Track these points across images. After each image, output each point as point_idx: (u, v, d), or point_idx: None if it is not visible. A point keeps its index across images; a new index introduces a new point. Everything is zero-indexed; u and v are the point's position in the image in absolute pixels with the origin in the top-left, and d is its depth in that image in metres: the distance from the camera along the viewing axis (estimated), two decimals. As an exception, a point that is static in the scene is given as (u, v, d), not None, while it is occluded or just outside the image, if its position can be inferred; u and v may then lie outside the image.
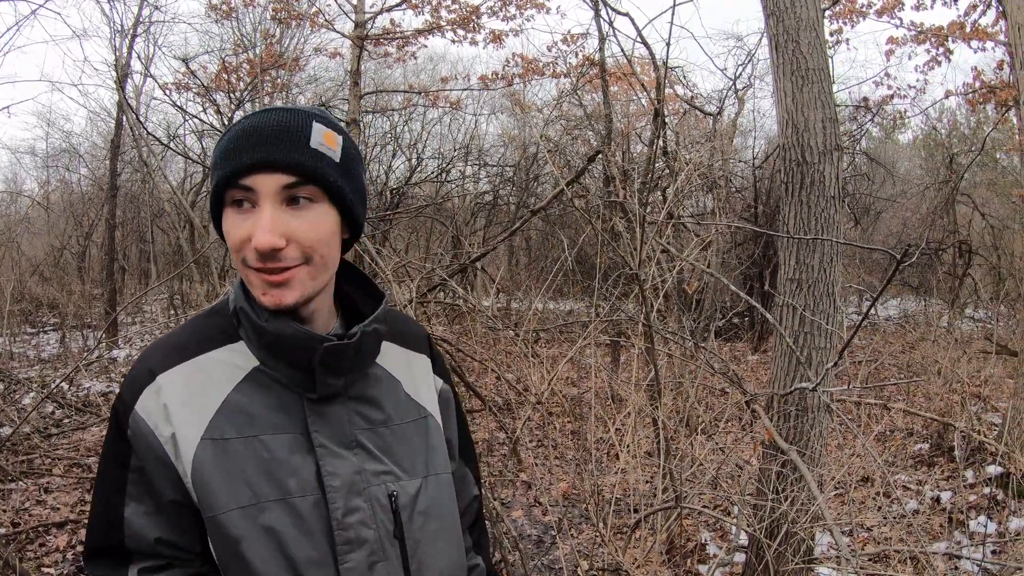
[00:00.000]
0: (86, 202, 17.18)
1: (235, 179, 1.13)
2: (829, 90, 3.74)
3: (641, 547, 3.98)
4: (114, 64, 10.34)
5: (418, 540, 1.26)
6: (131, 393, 1.19)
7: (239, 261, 1.16)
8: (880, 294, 2.49)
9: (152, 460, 1.17)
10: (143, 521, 1.18)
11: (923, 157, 18.88)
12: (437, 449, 1.35)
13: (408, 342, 1.42)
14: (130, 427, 1.17)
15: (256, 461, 1.16)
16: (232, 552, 1.14)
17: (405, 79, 15.88)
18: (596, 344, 4.87)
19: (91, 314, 13.71)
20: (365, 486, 1.21)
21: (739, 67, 15.05)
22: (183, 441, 1.15)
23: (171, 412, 1.16)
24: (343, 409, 1.24)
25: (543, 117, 12.01)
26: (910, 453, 6.67)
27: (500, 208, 16.27)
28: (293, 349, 1.18)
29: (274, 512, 1.15)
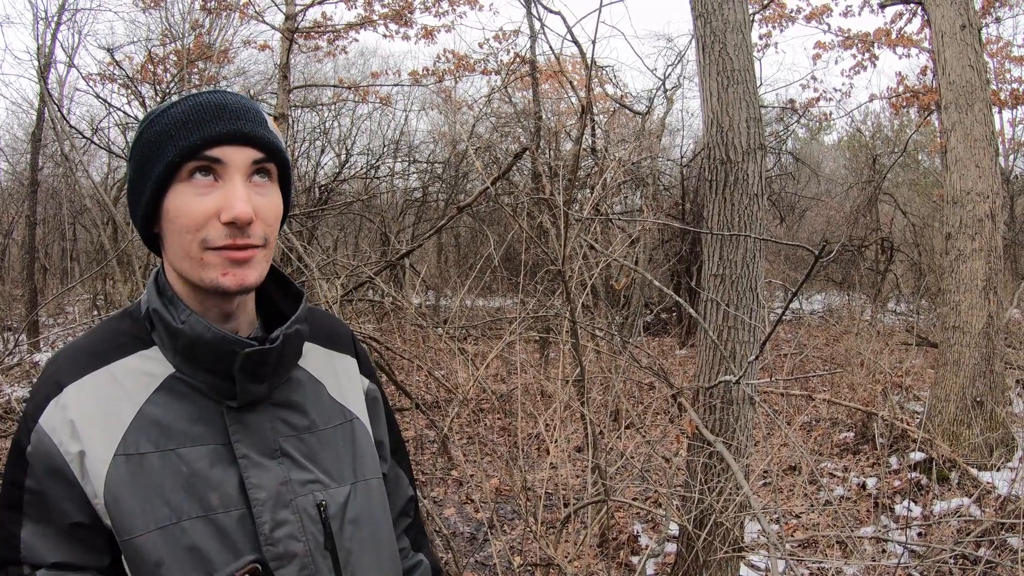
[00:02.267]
0: (5, 198, 16.58)
1: (202, 149, 1.07)
2: (754, 90, 3.83)
3: (573, 541, 4.01)
4: (36, 53, 10.00)
5: (350, 550, 1.20)
6: (35, 406, 1.11)
7: (195, 242, 1.08)
8: (799, 288, 2.56)
9: (54, 480, 1.08)
10: (40, 543, 1.10)
11: (847, 158, 19.44)
12: (365, 453, 1.29)
13: (331, 342, 1.36)
14: (31, 444, 1.09)
15: (174, 476, 1.08)
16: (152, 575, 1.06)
17: (335, 74, 15.73)
18: (524, 341, 4.90)
19: (11, 315, 13.22)
20: (292, 497, 1.15)
21: (669, 67, 15.32)
22: (93, 459, 1.07)
23: (78, 428, 1.08)
24: (265, 416, 1.17)
25: (473, 114, 12.00)
26: (835, 442, 6.87)
27: (429, 205, 16.21)
28: (211, 354, 1.12)
29: (196, 530, 1.07)
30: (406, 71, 12.63)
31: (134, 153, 1.14)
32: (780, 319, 2.84)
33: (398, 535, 1.43)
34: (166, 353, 1.15)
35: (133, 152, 1.15)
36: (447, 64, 11.54)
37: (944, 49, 6.48)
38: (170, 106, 1.12)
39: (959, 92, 6.34)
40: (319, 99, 15.01)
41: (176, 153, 1.07)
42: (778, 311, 10.95)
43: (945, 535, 4.72)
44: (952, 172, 6.38)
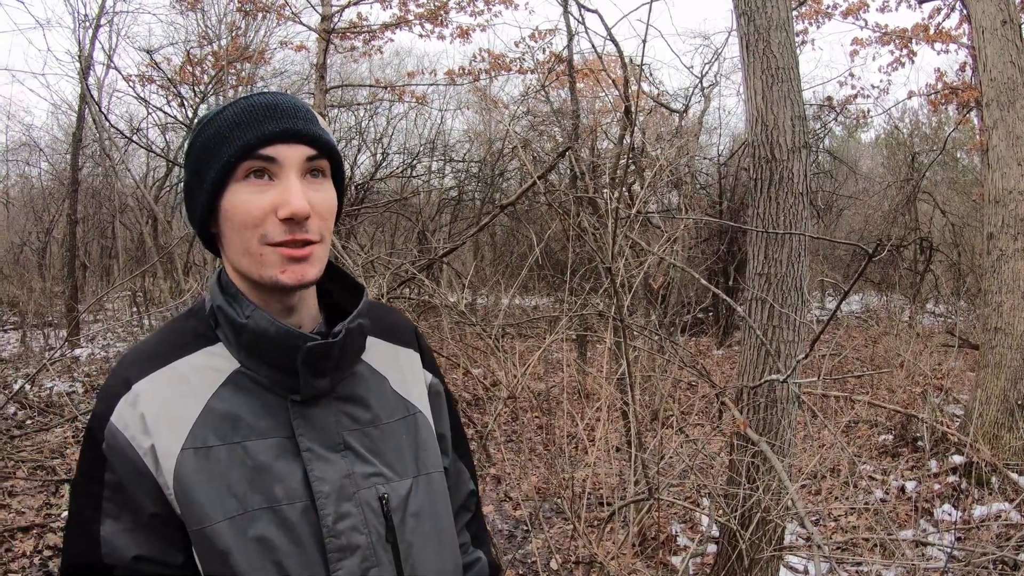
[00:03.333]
0: (47, 197, 16.87)
1: (256, 148, 1.10)
2: (798, 88, 3.80)
3: (612, 540, 4.01)
4: (77, 55, 10.18)
5: (411, 543, 1.21)
6: (105, 404, 1.13)
7: (253, 240, 1.11)
8: (851, 287, 2.54)
9: (131, 474, 1.11)
10: (121, 539, 1.13)
11: (885, 156, 19.16)
12: (428, 447, 1.30)
13: (394, 336, 1.37)
14: (105, 440, 1.12)
15: (240, 469, 1.11)
16: (220, 565, 1.09)
17: (371, 73, 15.80)
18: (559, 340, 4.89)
19: (52, 312, 13.47)
20: (355, 490, 1.17)
21: (706, 65, 15.20)
22: (163, 452, 1.10)
23: (149, 422, 1.11)
24: (329, 410, 1.19)
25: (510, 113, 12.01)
26: (875, 444, 6.79)
27: (465, 204, 16.23)
28: (276, 349, 1.14)
29: (262, 522, 1.10)
30: (441, 70, 12.65)
31: (189, 157, 1.18)
32: (832, 317, 2.81)
33: (458, 530, 1.43)
34: (231, 349, 1.17)
35: (188, 156, 1.18)
36: (483, 64, 11.58)
37: (985, 45, 6.38)
38: (222, 109, 1.15)
39: (1000, 89, 6.24)
40: (355, 99, 15.11)
41: (231, 153, 1.10)
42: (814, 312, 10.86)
43: (985, 540, 4.65)
44: (994, 171, 6.28)
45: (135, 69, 13.92)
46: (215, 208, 1.14)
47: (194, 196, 1.17)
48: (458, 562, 1.32)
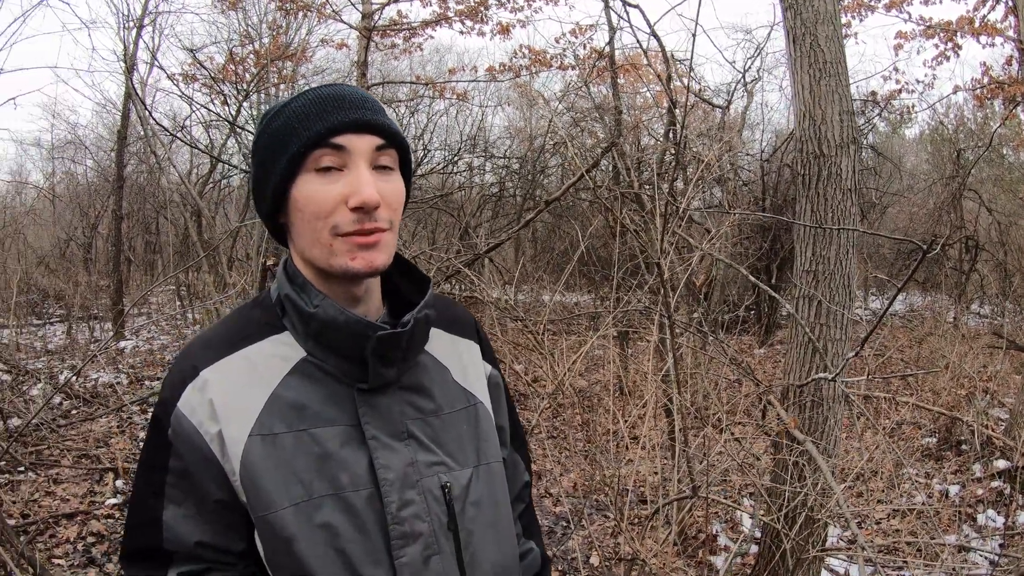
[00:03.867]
0: (92, 193, 17.19)
1: (326, 138, 1.11)
2: (846, 83, 3.75)
3: (653, 538, 3.99)
4: (122, 54, 10.35)
5: (471, 531, 1.22)
6: (173, 390, 1.15)
7: (324, 230, 1.12)
8: (905, 284, 2.50)
9: (197, 460, 1.13)
10: (183, 524, 1.16)
11: (930, 152, 18.83)
12: (488, 437, 1.32)
13: (455, 328, 1.39)
14: (172, 426, 1.14)
15: (307, 456, 1.13)
16: (285, 551, 1.11)
17: (411, 71, 15.87)
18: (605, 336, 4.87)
19: (97, 305, 13.73)
20: (418, 478, 1.18)
21: (748, 60, 15.02)
22: (230, 438, 1.12)
23: (217, 408, 1.13)
24: (394, 399, 1.20)
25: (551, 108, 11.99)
26: (918, 447, 6.68)
27: (506, 200, 16.24)
28: (344, 338, 1.15)
29: (328, 508, 1.12)
30: (482, 67, 12.69)
31: (257, 149, 1.19)
32: (883, 315, 2.77)
33: (514, 520, 1.44)
34: (298, 338, 1.19)
35: (256, 148, 1.19)
36: (523, 60, 11.57)
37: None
38: (289, 101, 1.16)
39: (1049, 83, 6.09)
40: (396, 96, 15.18)
41: (301, 143, 1.11)
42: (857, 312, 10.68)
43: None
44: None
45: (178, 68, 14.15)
46: (284, 198, 1.16)
47: (262, 187, 1.18)
48: (516, 551, 1.33)
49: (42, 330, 12.90)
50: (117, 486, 5.61)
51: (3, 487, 5.43)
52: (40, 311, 14.35)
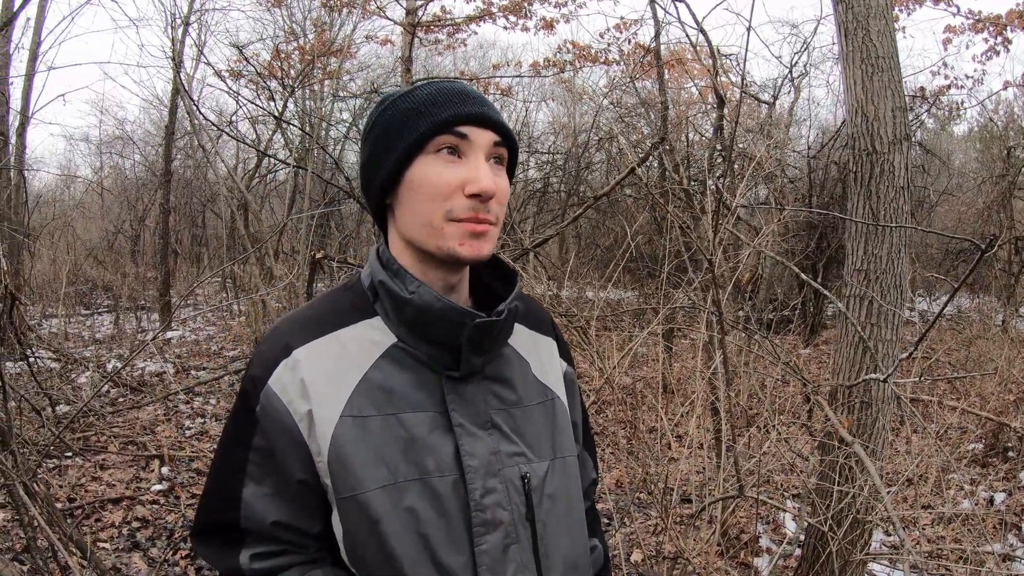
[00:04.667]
0: (139, 187, 17.51)
1: (453, 125, 1.14)
2: (899, 79, 3.68)
3: (696, 537, 3.96)
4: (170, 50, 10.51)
5: (546, 523, 1.23)
6: (264, 368, 1.17)
7: (438, 212, 1.15)
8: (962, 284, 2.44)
9: (283, 438, 1.15)
10: (261, 503, 1.18)
11: (979, 150, 18.43)
12: (564, 431, 1.33)
13: (535, 324, 1.41)
14: (260, 403, 1.15)
15: (394, 440, 1.14)
16: (369, 532, 1.13)
17: (455, 66, 15.93)
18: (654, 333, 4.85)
19: (144, 296, 13.99)
20: (500, 467, 1.19)
21: (795, 55, 14.81)
22: (321, 419, 1.13)
23: (308, 388, 1.14)
24: (479, 388, 1.22)
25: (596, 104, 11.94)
26: (964, 452, 6.55)
27: (551, 196, 16.22)
28: (439, 324, 1.17)
29: (413, 493, 1.13)
30: (525, 62, 12.70)
31: (374, 129, 1.22)
32: (938, 316, 2.72)
33: None
34: (389, 324, 1.21)
35: (373, 128, 1.22)
36: (568, 55, 11.55)
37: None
38: (412, 89, 1.20)
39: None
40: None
41: (428, 126, 1.14)
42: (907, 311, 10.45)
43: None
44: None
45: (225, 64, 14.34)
46: (399, 178, 1.18)
47: (378, 165, 1.21)
48: (587, 546, 1.34)
49: (90, 320, 13.20)
50: (163, 473, 5.71)
51: (51, 471, 5.55)
52: (88, 301, 14.65)
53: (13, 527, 4.48)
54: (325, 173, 12.38)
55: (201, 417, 7.43)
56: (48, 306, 12.73)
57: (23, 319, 7.48)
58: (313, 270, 3.98)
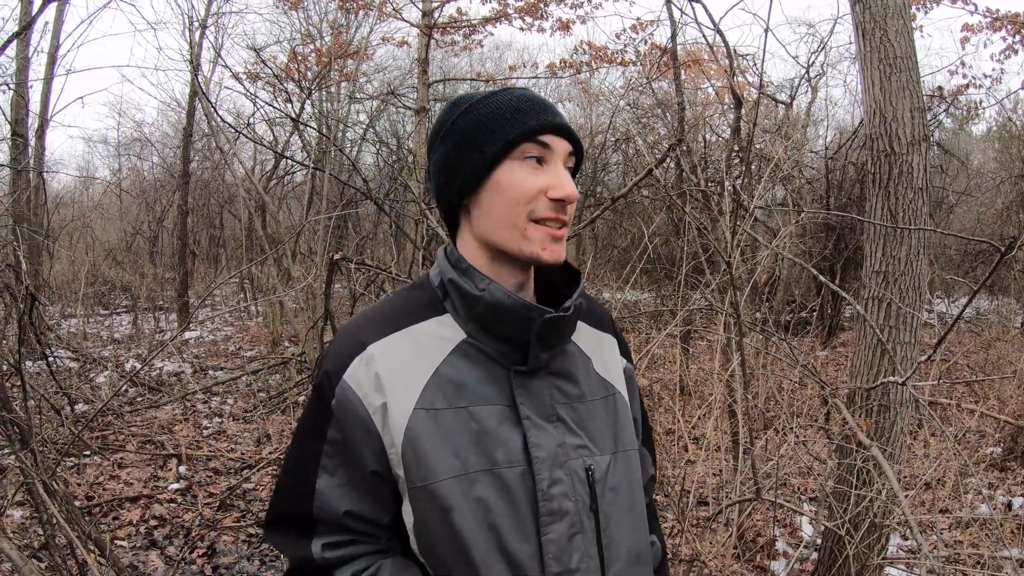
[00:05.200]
0: (157, 189, 17.63)
1: (538, 134, 1.21)
2: (917, 79, 3.65)
3: (712, 540, 3.95)
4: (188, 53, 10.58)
5: (608, 515, 1.26)
6: (338, 363, 1.21)
7: (522, 215, 1.21)
8: (981, 287, 2.42)
9: (357, 430, 1.19)
10: (334, 493, 1.22)
11: (997, 150, 18.25)
12: (625, 426, 1.37)
13: (596, 321, 1.45)
14: (336, 397, 1.20)
15: (466, 432, 1.18)
16: (441, 521, 1.16)
17: (471, 67, 15.96)
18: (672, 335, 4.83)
19: (162, 296, 14.09)
20: (565, 459, 1.23)
21: (812, 55, 14.71)
22: (395, 411, 1.18)
23: (383, 381, 1.19)
24: (544, 383, 1.26)
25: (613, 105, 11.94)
26: (982, 456, 6.49)
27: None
28: (509, 320, 1.22)
29: (483, 483, 1.17)
30: (542, 63, 12.76)
31: (454, 131, 1.26)
32: (957, 318, 2.70)
33: None
34: (458, 320, 1.26)
35: (452, 130, 1.27)
36: (584, 56, 11.55)
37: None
38: (492, 94, 1.26)
39: None
40: (456, 93, 15.26)
41: (518, 133, 1.20)
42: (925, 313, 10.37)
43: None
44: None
45: (242, 67, 14.42)
46: (482, 181, 1.23)
47: (461, 167, 1.25)
48: (647, 539, 1.37)
49: (109, 320, 13.30)
50: (180, 472, 5.75)
51: (70, 470, 5.60)
52: (107, 302, 14.77)
53: (32, 524, 4.52)
54: (342, 174, 12.42)
55: (219, 417, 7.47)
56: (67, 306, 12.86)
57: (43, 319, 7.54)
58: (331, 271, 4.00)
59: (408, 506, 1.19)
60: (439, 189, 1.30)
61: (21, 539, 4.39)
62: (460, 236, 1.31)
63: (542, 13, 11.09)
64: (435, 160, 1.30)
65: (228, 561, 4.51)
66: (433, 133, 1.31)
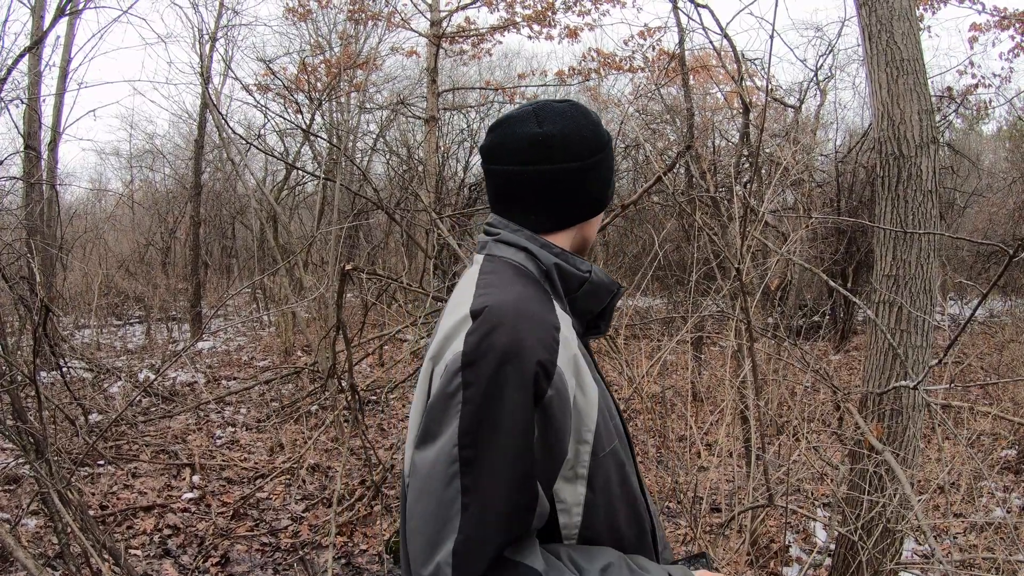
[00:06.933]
0: (169, 200, 17.72)
1: None
2: (924, 81, 3.64)
3: (725, 546, 3.93)
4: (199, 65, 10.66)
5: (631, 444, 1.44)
6: (549, 351, 1.17)
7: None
8: (990, 291, 2.42)
9: (567, 417, 1.18)
10: (544, 477, 1.17)
11: (1008, 149, 18.13)
12: None
13: None
14: (552, 387, 1.15)
15: (602, 402, 1.28)
16: (621, 480, 1.28)
17: (480, 76, 15.99)
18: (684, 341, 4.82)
19: (175, 307, 14.14)
20: None
21: (820, 58, 14.68)
22: (588, 386, 1.25)
23: (578, 361, 1.24)
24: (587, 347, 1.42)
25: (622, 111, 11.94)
26: (996, 459, 6.44)
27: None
28: (604, 294, 1.39)
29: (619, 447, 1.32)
30: (551, 71, 12.77)
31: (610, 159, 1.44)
32: (968, 321, 2.69)
33: None
34: (557, 300, 1.33)
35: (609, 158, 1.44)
36: (592, 63, 11.58)
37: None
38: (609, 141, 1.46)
39: None
40: (466, 101, 15.31)
41: None
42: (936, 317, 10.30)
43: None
44: None
45: (252, 79, 14.52)
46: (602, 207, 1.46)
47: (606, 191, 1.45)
48: None
49: (122, 331, 13.35)
50: (194, 481, 5.77)
51: (84, 479, 5.63)
52: (120, 312, 14.82)
53: (47, 533, 4.55)
54: (353, 185, 12.47)
55: (232, 426, 7.49)
56: (81, 317, 12.92)
57: (57, 330, 7.60)
58: (343, 281, 4.02)
59: (582, 481, 1.23)
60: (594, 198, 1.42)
61: (36, 548, 4.41)
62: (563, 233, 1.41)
63: (550, 21, 11.13)
64: (598, 174, 1.40)
65: (242, 570, 4.53)
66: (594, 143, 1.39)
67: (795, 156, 5.74)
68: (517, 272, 1.31)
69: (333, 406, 6.16)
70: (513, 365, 1.12)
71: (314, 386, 8.03)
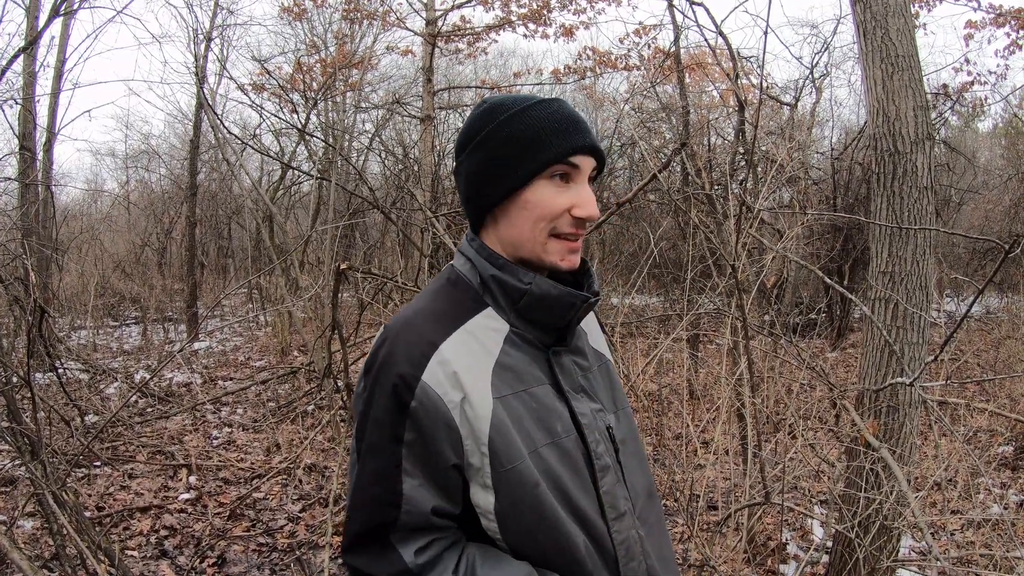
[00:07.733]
0: (165, 200, 17.70)
1: (569, 156, 1.30)
2: (919, 77, 3.64)
3: (722, 544, 3.93)
4: (194, 66, 10.64)
5: (624, 464, 1.43)
6: (413, 365, 1.24)
7: (544, 230, 1.32)
8: (985, 288, 2.42)
9: (437, 428, 1.23)
10: (419, 493, 1.25)
11: (1004, 146, 18.17)
12: (618, 387, 1.53)
13: None
14: (416, 399, 1.23)
15: (529, 412, 1.30)
16: (530, 498, 1.25)
17: (476, 75, 15.98)
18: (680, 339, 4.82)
19: (172, 308, 14.12)
20: (595, 422, 1.38)
21: (816, 55, 14.68)
22: (477, 403, 1.25)
23: (461, 378, 1.24)
24: (567, 359, 1.40)
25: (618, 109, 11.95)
26: (993, 455, 6.45)
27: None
28: (557, 307, 1.33)
29: (549, 454, 1.29)
30: (546, 69, 12.80)
31: (487, 143, 1.34)
32: (963, 318, 2.69)
33: None
34: (500, 312, 1.35)
35: (488, 140, 1.34)
36: (588, 61, 11.56)
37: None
38: (527, 107, 1.33)
39: None
40: (461, 100, 15.30)
41: (552, 156, 1.29)
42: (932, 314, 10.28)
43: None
44: None
45: (248, 78, 14.49)
46: (512, 196, 1.33)
47: (495, 181, 1.33)
48: (651, 477, 1.54)
49: (118, 331, 13.34)
50: (190, 482, 5.76)
51: (80, 480, 5.62)
52: (116, 313, 14.80)
53: (43, 535, 4.53)
54: (349, 184, 12.47)
55: (228, 427, 7.48)
56: (76, 318, 12.90)
57: (52, 331, 7.58)
58: (338, 281, 4.01)
59: (490, 491, 1.26)
60: (468, 198, 1.39)
61: (32, 550, 4.40)
62: (486, 237, 1.40)
63: (545, 19, 11.12)
64: (466, 169, 1.37)
65: (238, 570, 4.52)
66: (465, 137, 1.38)
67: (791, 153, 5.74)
68: (445, 283, 1.40)
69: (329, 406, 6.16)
70: (383, 374, 1.25)
71: (310, 386, 8.03)
